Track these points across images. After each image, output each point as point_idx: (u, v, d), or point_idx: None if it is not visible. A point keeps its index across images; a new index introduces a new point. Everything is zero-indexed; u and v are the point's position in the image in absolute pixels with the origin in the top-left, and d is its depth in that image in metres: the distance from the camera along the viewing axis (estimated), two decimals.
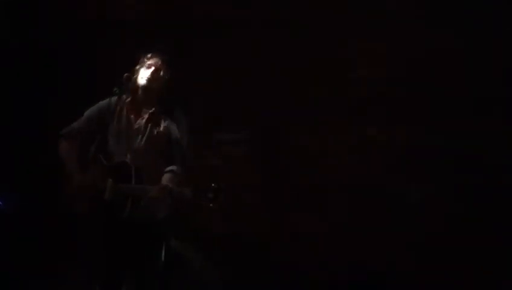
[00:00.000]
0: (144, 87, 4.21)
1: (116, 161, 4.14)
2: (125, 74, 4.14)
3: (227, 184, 3.92)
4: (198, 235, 5.21)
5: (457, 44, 5.13)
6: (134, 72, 4.24)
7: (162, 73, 4.24)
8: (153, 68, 4.23)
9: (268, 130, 5.48)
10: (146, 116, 4.23)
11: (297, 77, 5.41)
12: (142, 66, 4.25)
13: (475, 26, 5.05)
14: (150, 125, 4.21)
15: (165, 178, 4.05)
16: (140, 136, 4.18)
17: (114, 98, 4.23)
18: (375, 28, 5.30)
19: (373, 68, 5.33)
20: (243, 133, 5.48)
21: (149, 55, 4.28)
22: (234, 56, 5.43)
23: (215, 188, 3.87)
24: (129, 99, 4.22)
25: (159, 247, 4.23)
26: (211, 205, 3.86)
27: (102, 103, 4.30)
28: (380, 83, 5.31)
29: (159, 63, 4.25)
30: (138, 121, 4.22)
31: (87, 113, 4.32)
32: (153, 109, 4.23)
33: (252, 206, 5.40)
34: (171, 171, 4.09)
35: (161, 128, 4.19)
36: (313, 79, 5.39)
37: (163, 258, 4.22)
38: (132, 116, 4.24)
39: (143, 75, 4.22)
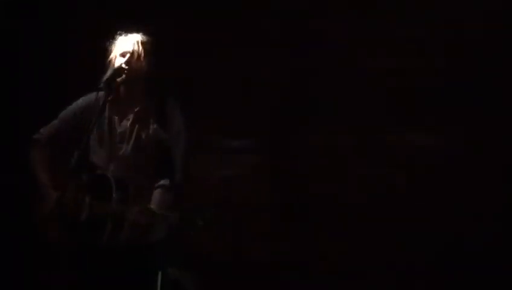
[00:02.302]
0: (122, 81, 3.55)
1: (95, 174, 3.55)
2: (105, 78, 3.52)
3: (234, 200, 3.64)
4: (198, 261, 4.84)
5: None
6: (108, 64, 3.60)
7: (140, 57, 3.58)
8: (127, 55, 3.56)
9: (281, 135, 5.11)
10: (131, 116, 3.60)
11: (311, 76, 5.05)
12: (114, 54, 3.60)
13: None
14: (136, 127, 3.58)
15: (155, 196, 3.47)
16: (125, 142, 3.57)
17: (99, 94, 3.60)
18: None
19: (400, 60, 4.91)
20: (252, 140, 5.10)
21: (118, 37, 3.63)
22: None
23: (206, 213, 3.36)
24: (111, 97, 3.57)
25: (152, 277, 3.64)
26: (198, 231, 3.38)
27: (82, 101, 3.68)
28: (413, 77, 4.88)
29: (134, 44, 3.58)
30: (123, 123, 3.60)
31: (63, 113, 3.70)
32: (139, 107, 3.60)
33: (261, 227, 5.03)
34: (161, 186, 3.50)
35: (150, 131, 3.57)
36: (329, 77, 5.00)
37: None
38: (115, 117, 3.61)
39: (117, 66, 3.56)
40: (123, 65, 3.53)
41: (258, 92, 5.05)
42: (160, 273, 3.68)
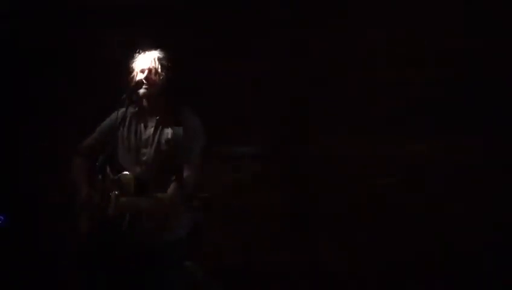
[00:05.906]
0: (142, 96, 3.94)
1: (120, 173, 3.91)
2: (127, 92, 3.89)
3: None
4: (211, 266, 4.92)
5: None
6: (130, 80, 3.96)
7: (157, 74, 3.94)
8: (146, 71, 3.93)
9: (289, 141, 5.16)
10: (153, 124, 3.97)
11: (322, 79, 5.09)
12: (135, 71, 3.97)
13: None
14: (157, 134, 3.95)
15: (169, 189, 3.83)
16: (148, 147, 3.94)
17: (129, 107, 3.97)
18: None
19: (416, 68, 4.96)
20: (260, 146, 5.18)
21: (138, 55, 3.99)
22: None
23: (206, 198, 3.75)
24: (136, 109, 4.00)
25: (170, 274, 3.89)
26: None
27: (114, 115, 4.03)
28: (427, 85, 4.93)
29: (152, 61, 3.94)
30: (147, 131, 3.98)
31: (99, 127, 4.10)
32: (159, 116, 3.97)
33: (272, 231, 5.08)
34: (176, 181, 3.81)
35: (169, 136, 3.91)
36: (340, 81, 5.06)
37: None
38: (141, 126, 4.00)
39: (136, 81, 3.94)
40: (142, 80, 3.89)
41: (264, 99, 5.14)
42: (175, 270, 3.88)
